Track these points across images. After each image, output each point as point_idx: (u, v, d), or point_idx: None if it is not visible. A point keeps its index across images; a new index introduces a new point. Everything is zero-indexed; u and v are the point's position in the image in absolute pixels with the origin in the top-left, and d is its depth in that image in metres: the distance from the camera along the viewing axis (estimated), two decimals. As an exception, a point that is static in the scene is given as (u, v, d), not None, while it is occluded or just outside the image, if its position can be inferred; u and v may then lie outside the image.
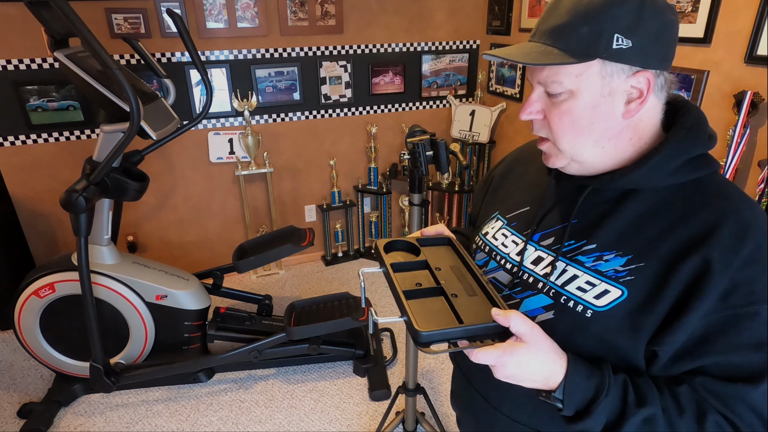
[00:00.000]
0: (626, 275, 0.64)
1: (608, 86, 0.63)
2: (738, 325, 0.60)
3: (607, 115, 0.64)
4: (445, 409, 2.10)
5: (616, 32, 0.60)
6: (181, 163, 2.83)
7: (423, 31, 3.02)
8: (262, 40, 2.71)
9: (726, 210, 0.62)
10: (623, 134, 0.66)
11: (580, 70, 0.62)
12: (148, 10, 2.46)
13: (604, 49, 0.60)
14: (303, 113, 2.97)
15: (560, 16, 0.63)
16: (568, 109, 0.65)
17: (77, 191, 1.63)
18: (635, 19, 0.60)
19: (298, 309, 2.19)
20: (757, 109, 1.57)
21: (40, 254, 2.73)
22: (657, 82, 0.64)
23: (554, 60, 0.61)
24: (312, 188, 3.20)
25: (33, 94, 2.41)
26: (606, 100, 0.63)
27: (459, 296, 0.70)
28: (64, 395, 2.10)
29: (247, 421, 2.05)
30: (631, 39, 0.60)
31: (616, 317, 0.64)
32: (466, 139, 3.13)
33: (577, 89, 0.63)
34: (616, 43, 0.60)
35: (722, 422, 0.61)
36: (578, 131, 0.66)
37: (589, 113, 0.64)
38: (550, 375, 0.61)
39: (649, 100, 0.64)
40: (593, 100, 0.63)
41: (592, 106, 0.64)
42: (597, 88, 0.63)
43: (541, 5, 2.58)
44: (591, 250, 0.68)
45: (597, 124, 0.65)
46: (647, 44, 0.61)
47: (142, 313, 2.03)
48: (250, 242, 2.43)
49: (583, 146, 0.67)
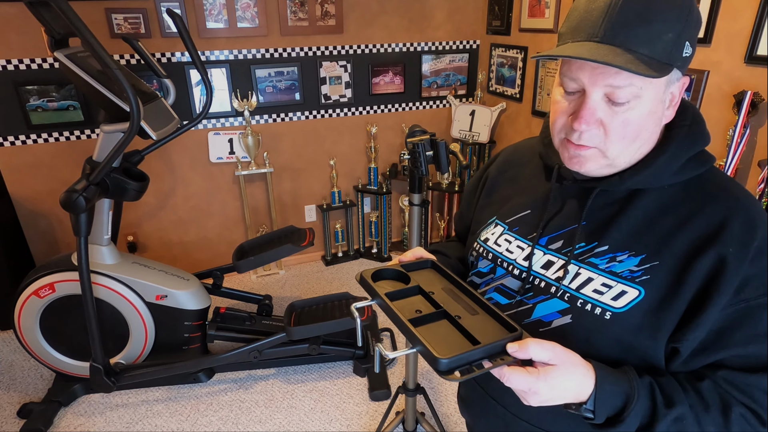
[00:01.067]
0: (642, 275, 0.64)
1: (666, 92, 0.63)
2: (753, 317, 0.61)
3: (657, 121, 0.64)
4: (445, 409, 2.10)
5: (687, 40, 0.59)
6: (181, 163, 2.83)
7: (423, 31, 3.02)
8: (262, 40, 2.71)
9: (731, 204, 0.64)
10: (655, 136, 0.67)
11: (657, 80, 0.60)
12: (148, 10, 2.46)
13: (678, 58, 0.59)
14: (303, 113, 2.97)
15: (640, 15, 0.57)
16: (631, 119, 0.62)
17: (77, 191, 1.63)
18: (697, 26, 0.60)
19: (298, 309, 2.19)
20: (757, 109, 1.57)
21: (40, 254, 2.73)
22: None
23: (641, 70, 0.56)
24: (312, 188, 3.20)
25: (33, 94, 2.41)
26: (660, 107, 0.63)
27: (463, 317, 0.68)
28: (64, 395, 2.10)
29: (247, 421, 2.05)
30: (693, 46, 0.61)
31: (636, 317, 0.64)
32: (466, 139, 3.13)
33: (644, 96, 0.61)
34: (685, 51, 0.60)
35: (746, 413, 0.62)
36: (633, 138, 0.64)
37: (646, 120, 0.63)
38: (581, 389, 0.60)
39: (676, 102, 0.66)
40: (653, 107, 0.62)
41: (650, 113, 0.62)
42: (659, 96, 0.62)
43: (541, 5, 2.58)
44: (603, 251, 0.68)
45: (648, 129, 0.64)
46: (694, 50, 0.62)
47: (142, 313, 2.03)
48: (250, 242, 2.43)
49: (628, 152, 0.65)
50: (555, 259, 0.72)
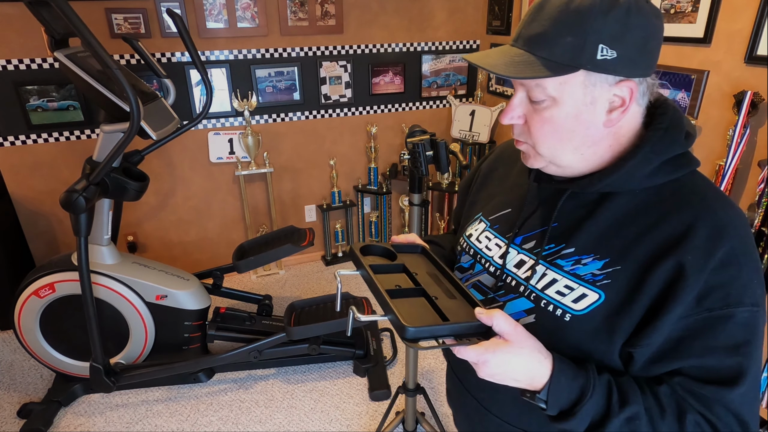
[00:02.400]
0: (603, 279, 0.65)
1: (590, 95, 0.62)
2: (713, 328, 0.60)
3: (588, 124, 0.64)
4: (445, 409, 2.10)
5: (601, 43, 0.58)
6: (181, 163, 2.83)
7: (423, 31, 3.02)
8: (262, 40, 2.71)
9: (701, 211, 0.62)
10: (603, 141, 0.66)
11: (563, 78, 0.61)
12: (148, 10, 2.46)
13: (588, 60, 0.59)
14: (303, 113, 2.97)
15: (543, 23, 0.61)
16: (549, 117, 0.64)
17: (77, 191, 1.63)
18: (621, 29, 0.58)
19: (298, 309, 2.19)
20: (757, 109, 1.57)
21: (40, 254, 2.73)
22: (639, 89, 0.63)
23: (536, 73, 0.61)
24: (312, 188, 3.20)
25: (33, 94, 2.41)
26: (588, 108, 0.63)
27: (440, 298, 0.70)
28: (64, 395, 2.10)
29: (247, 421, 2.05)
30: (616, 49, 0.59)
31: (594, 321, 0.64)
32: (466, 139, 3.13)
33: (559, 97, 0.62)
34: (600, 54, 0.59)
35: (701, 421, 0.61)
36: (559, 139, 0.65)
37: (570, 122, 0.64)
38: (535, 375, 0.61)
39: (630, 109, 0.63)
40: (575, 109, 0.63)
41: (574, 115, 0.63)
42: (579, 97, 0.62)
43: (541, 5, 2.58)
44: (570, 253, 0.68)
45: (578, 132, 0.64)
46: (633, 54, 0.59)
47: (142, 313, 2.03)
48: (250, 242, 2.43)
49: (562, 152, 0.67)
50: (527, 258, 0.73)
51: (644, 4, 0.59)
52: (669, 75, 1.91)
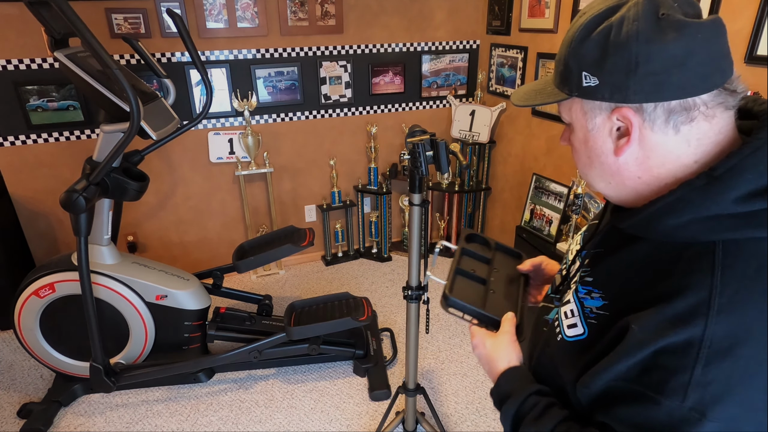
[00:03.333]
0: (594, 318, 0.64)
1: (591, 121, 0.61)
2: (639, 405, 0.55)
3: (599, 151, 0.62)
4: (445, 409, 2.10)
5: (583, 70, 0.57)
6: (181, 163, 2.83)
7: (423, 31, 3.02)
8: (262, 40, 2.71)
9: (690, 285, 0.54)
10: (625, 172, 0.61)
11: (568, 104, 0.62)
12: (148, 10, 2.46)
13: (575, 87, 0.59)
14: (303, 113, 2.97)
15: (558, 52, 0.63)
16: (572, 141, 0.66)
17: (77, 191, 1.63)
18: (600, 55, 0.56)
19: (298, 309, 2.19)
20: (757, 109, 1.57)
21: (40, 254, 2.73)
22: (654, 115, 0.55)
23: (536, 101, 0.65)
24: (312, 188, 3.20)
25: (33, 94, 2.41)
26: (593, 135, 0.61)
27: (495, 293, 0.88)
28: (64, 395, 2.10)
29: (247, 421, 2.05)
30: (597, 76, 0.56)
31: (572, 351, 0.66)
32: (466, 139, 3.13)
33: (571, 122, 0.64)
34: (585, 81, 0.58)
35: None
36: (583, 164, 0.66)
37: (584, 147, 0.64)
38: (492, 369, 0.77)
39: (646, 138, 0.57)
40: (583, 135, 0.63)
41: (583, 141, 0.63)
42: (583, 123, 0.62)
43: (541, 5, 2.58)
44: (589, 282, 0.67)
45: (594, 159, 0.63)
46: (618, 80, 0.55)
47: (142, 313, 2.03)
48: (250, 242, 2.43)
49: (591, 178, 0.66)
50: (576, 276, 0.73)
51: (630, 24, 0.53)
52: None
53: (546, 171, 2.72)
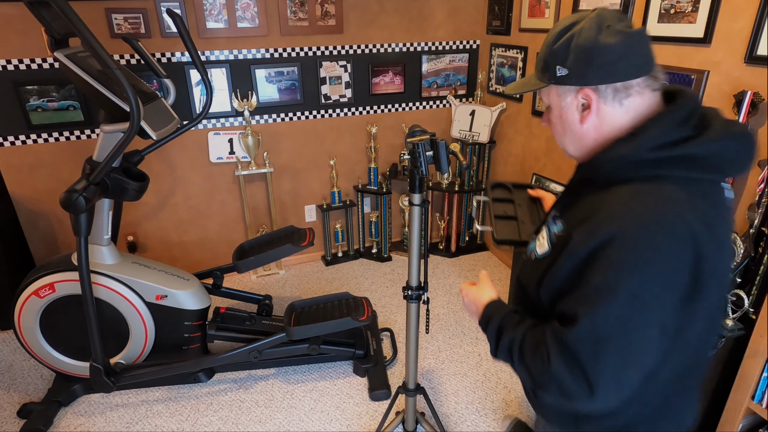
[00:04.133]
0: (555, 239, 0.86)
1: (564, 101, 0.85)
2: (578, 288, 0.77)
3: (570, 123, 0.86)
4: (445, 409, 2.10)
5: (557, 64, 0.82)
6: (181, 163, 2.83)
7: (423, 31, 3.02)
8: (262, 40, 2.71)
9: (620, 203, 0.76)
10: (586, 135, 0.86)
11: (547, 90, 0.88)
12: (148, 10, 2.46)
13: (552, 77, 0.84)
14: (303, 113, 2.97)
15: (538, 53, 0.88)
16: (551, 118, 0.90)
17: (77, 191, 1.63)
18: (566, 52, 0.81)
19: (298, 309, 2.19)
20: (757, 109, 1.57)
21: (40, 254, 2.73)
22: (608, 95, 0.80)
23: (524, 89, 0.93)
24: (312, 188, 3.20)
25: (33, 94, 2.41)
26: (565, 111, 0.86)
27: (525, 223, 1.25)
28: (64, 395, 2.10)
29: (247, 421, 2.05)
30: (567, 68, 0.81)
31: (540, 265, 0.87)
32: (466, 139, 3.13)
33: (550, 104, 0.89)
34: (558, 72, 0.83)
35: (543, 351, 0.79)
36: (559, 134, 0.91)
37: (559, 121, 0.89)
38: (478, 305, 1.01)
39: (602, 111, 0.82)
40: (558, 112, 0.88)
41: (559, 116, 0.88)
42: (558, 103, 0.87)
43: (541, 5, 2.58)
44: (557, 216, 0.89)
45: (566, 128, 0.88)
46: (580, 69, 0.80)
47: (142, 313, 2.03)
48: (250, 242, 2.43)
49: (566, 144, 0.91)
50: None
51: (585, 32, 0.79)
52: (669, 75, 1.91)
53: (546, 171, 2.72)
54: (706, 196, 0.77)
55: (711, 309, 0.81)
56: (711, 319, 0.85)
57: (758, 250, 1.49)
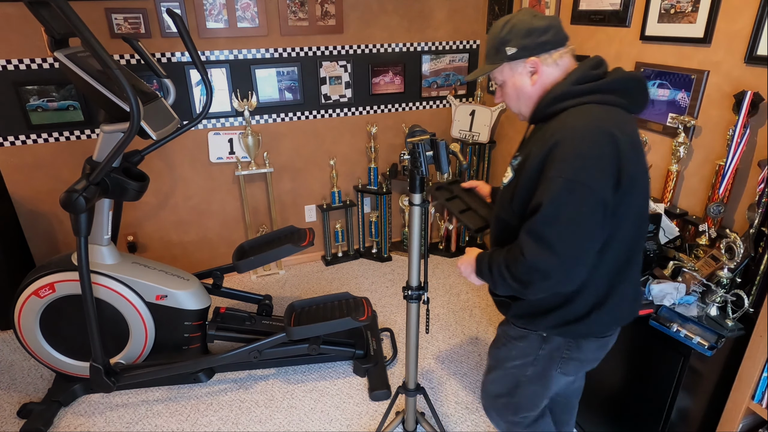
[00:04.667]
0: (517, 168, 1.15)
1: (516, 72, 1.15)
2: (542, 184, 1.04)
3: (522, 87, 1.16)
4: (445, 409, 2.10)
5: (507, 46, 1.12)
6: (181, 163, 2.83)
7: (423, 31, 3.02)
8: (262, 40, 2.71)
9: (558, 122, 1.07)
10: (535, 94, 1.15)
11: (500, 69, 1.17)
12: (148, 10, 2.46)
13: (504, 56, 1.14)
14: (303, 113, 2.97)
15: (486, 45, 1.18)
16: (506, 91, 1.20)
17: (77, 191, 1.63)
18: (510, 35, 1.11)
19: (298, 309, 2.18)
20: (757, 109, 1.57)
21: (40, 254, 2.73)
22: (547, 59, 1.12)
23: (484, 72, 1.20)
24: (312, 188, 3.20)
25: (33, 94, 2.41)
26: (518, 80, 1.16)
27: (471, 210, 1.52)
28: (64, 395, 2.10)
29: (247, 421, 2.05)
30: (514, 46, 1.11)
31: (508, 190, 1.17)
32: (466, 139, 3.13)
33: (504, 80, 1.18)
34: (508, 51, 1.12)
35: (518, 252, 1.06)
36: (515, 101, 1.20)
37: (514, 91, 1.18)
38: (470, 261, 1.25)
39: (544, 71, 1.12)
40: (512, 82, 1.17)
41: (513, 86, 1.17)
42: (511, 76, 1.16)
43: (541, 5, 2.58)
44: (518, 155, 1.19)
45: (521, 94, 1.17)
46: (523, 44, 1.10)
47: (142, 313, 2.03)
48: (250, 242, 2.43)
49: (520, 108, 1.20)
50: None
51: (522, 20, 1.10)
52: (669, 75, 1.91)
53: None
54: (619, 115, 1.06)
55: (639, 211, 1.11)
56: (639, 221, 1.12)
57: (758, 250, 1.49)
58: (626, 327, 1.57)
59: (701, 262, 1.61)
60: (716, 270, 1.52)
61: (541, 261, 1.01)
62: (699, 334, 1.40)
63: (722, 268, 1.50)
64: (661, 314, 1.49)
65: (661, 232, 1.79)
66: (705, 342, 1.37)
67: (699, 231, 1.76)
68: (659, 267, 1.71)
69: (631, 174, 1.02)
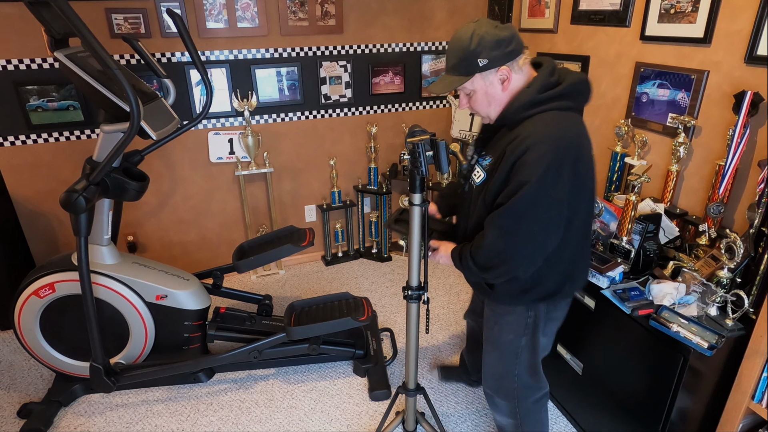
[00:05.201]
0: (488, 168, 1.31)
1: (488, 82, 1.26)
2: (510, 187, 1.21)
3: (494, 94, 1.28)
4: (445, 409, 2.10)
5: (477, 57, 1.21)
6: (181, 163, 2.83)
7: (423, 31, 3.02)
8: (262, 40, 2.71)
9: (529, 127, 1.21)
10: (504, 99, 1.28)
11: (471, 80, 1.26)
12: (148, 10, 2.46)
13: (476, 68, 1.23)
14: (303, 113, 2.97)
15: (452, 59, 1.27)
16: (477, 99, 1.30)
17: (77, 191, 1.63)
18: (480, 48, 1.20)
19: (298, 309, 2.19)
20: (757, 109, 1.57)
21: (40, 254, 2.73)
22: (514, 67, 1.24)
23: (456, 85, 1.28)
24: (312, 188, 3.20)
25: (33, 94, 2.41)
26: (490, 88, 1.27)
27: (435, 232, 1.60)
28: (64, 395, 2.10)
29: (247, 421, 2.05)
30: (485, 58, 1.21)
31: (479, 191, 1.33)
32: (466, 139, 3.13)
33: (474, 89, 1.29)
34: (480, 63, 1.22)
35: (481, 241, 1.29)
36: (485, 107, 1.31)
37: (485, 98, 1.29)
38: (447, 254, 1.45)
39: (513, 78, 1.25)
40: (483, 90, 1.28)
41: (484, 93, 1.28)
42: (483, 86, 1.27)
43: (541, 5, 2.58)
44: (484, 155, 1.35)
45: (491, 101, 1.29)
46: (494, 56, 1.21)
47: (142, 313, 2.03)
48: (250, 242, 2.43)
49: (490, 112, 1.32)
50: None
51: (488, 33, 1.20)
52: (669, 75, 1.91)
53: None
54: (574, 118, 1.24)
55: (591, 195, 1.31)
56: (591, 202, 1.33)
57: (758, 250, 1.49)
58: (626, 327, 1.58)
59: (701, 262, 1.61)
60: (716, 270, 1.52)
61: (500, 245, 1.24)
62: (699, 334, 1.40)
63: (722, 268, 1.50)
64: (661, 314, 1.49)
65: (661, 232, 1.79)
66: (705, 342, 1.37)
67: (699, 231, 1.76)
68: (659, 267, 1.71)
69: (585, 170, 1.23)
